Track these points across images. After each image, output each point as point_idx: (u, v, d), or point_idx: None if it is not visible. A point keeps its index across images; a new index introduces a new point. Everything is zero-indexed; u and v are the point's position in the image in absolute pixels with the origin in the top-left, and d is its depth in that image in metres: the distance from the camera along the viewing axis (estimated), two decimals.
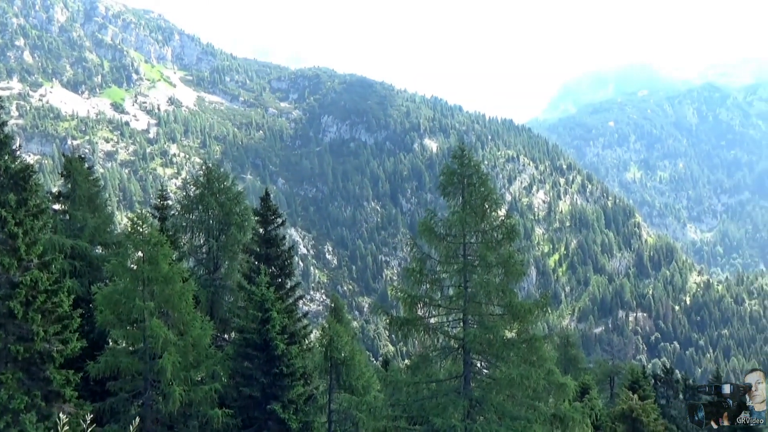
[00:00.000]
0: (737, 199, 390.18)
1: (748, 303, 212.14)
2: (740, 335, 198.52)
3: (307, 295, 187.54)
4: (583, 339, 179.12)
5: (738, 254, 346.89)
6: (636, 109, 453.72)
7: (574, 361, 60.49)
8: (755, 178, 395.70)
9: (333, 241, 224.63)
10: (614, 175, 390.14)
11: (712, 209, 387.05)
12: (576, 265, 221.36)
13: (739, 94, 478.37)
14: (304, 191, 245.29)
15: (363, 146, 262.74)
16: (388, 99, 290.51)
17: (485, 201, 21.39)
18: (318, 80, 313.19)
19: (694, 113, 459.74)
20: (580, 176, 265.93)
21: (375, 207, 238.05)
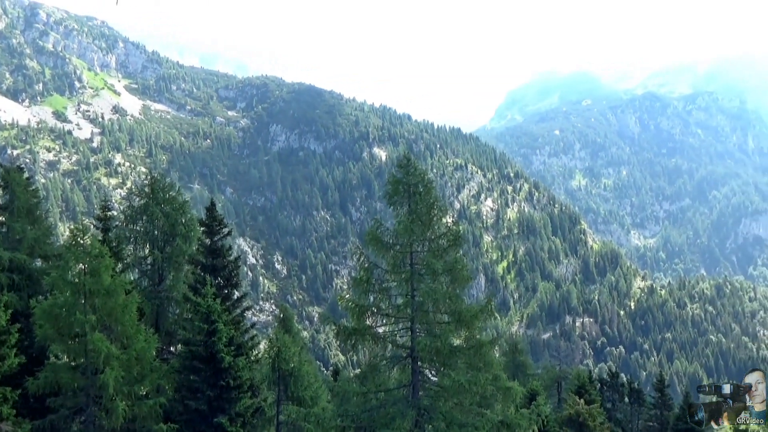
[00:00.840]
0: (678, 205, 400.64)
1: (689, 307, 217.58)
2: (683, 338, 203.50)
3: (256, 306, 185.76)
4: (532, 345, 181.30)
5: (680, 259, 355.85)
6: (580, 118, 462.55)
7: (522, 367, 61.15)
8: (695, 185, 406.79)
9: (282, 251, 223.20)
10: (560, 182, 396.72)
11: (654, 216, 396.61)
12: (524, 272, 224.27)
13: (678, 103, 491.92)
14: (252, 201, 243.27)
15: (312, 155, 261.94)
16: (336, 108, 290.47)
17: (431, 209, 21.52)
18: (266, 89, 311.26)
19: (636, 122, 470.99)
20: (527, 184, 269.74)
21: (325, 216, 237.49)
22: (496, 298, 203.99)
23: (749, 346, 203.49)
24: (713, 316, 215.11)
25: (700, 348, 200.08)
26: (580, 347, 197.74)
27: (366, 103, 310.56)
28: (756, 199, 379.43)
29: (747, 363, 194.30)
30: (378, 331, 22.44)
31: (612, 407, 57.70)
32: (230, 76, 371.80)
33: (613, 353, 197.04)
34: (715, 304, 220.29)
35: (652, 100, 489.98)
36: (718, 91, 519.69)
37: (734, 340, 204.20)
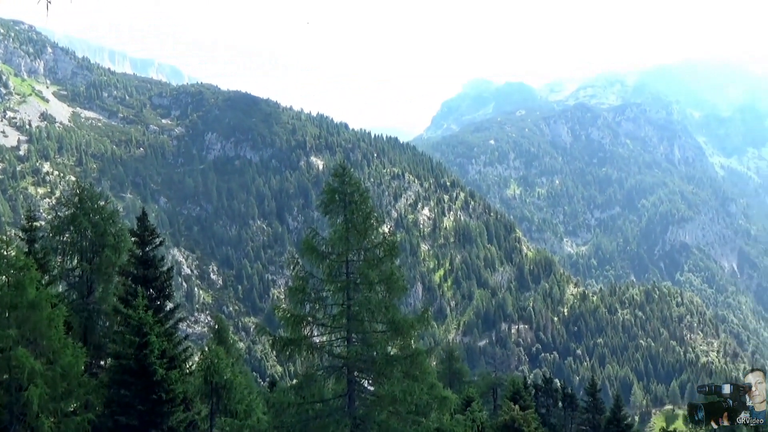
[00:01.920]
0: (609, 213, 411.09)
1: (620, 312, 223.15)
2: (614, 343, 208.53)
3: (191, 317, 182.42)
4: (468, 352, 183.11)
5: (611, 266, 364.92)
6: (515, 128, 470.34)
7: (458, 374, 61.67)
8: (625, 194, 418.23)
9: (218, 261, 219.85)
10: (495, 191, 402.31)
11: (586, 224, 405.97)
12: (461, 280, 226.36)
13: (608, 114, 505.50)
14: (187, 210, 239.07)
15: (248, 164, 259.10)
16: (273, 116, 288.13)
17: (367, 218, 21.54)
18: (201, 97, 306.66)
19: (569, 132, 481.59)
20: (463, 193, 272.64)
21: (261, 225, 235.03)
22: (433, 306, 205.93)
23: (677, 349, 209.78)
24: (643, 321, 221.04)
25: (631, 352, 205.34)
26: (515, 354, 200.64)
27: (303, 111, 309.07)
28: (682, 207, 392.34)
29: (675, 366, 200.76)
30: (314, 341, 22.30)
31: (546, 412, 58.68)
32: (164, 83, 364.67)
33: (547, 359, 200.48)
34: (644, 310, 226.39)
35: (583, 111, 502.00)
36: (646, 103, 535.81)
37: (663, 344, 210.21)
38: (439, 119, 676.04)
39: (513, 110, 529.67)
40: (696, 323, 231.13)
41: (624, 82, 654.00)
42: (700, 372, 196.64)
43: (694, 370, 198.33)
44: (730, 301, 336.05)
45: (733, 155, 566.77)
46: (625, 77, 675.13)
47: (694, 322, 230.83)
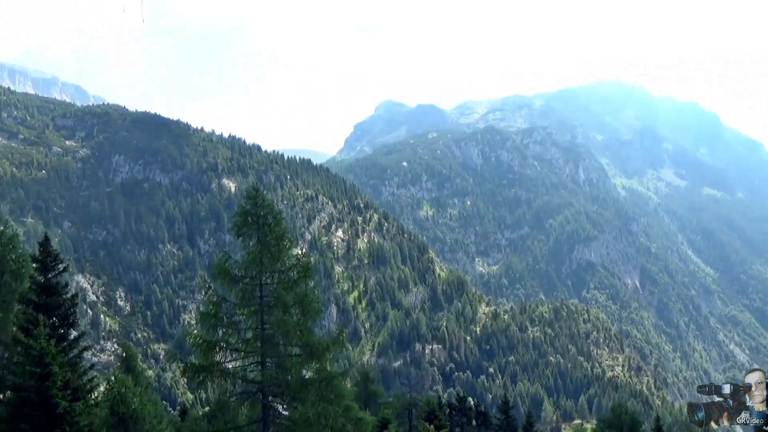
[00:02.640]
0: (518, 233, 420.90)
1: (530, 330, 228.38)
2: (525, 360, 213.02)
3: (96, 345, 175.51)
4: (383, 373, 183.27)
5: (521, 285, 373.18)
6: (427, 150, 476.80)
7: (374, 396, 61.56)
8: (533, 214, 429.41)
9: (125, 287, 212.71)
10: (409, 213, 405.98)
11: (497, 244, 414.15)
12: (375, 301, 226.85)
13: (517, 137, 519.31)
14: (93, 234, 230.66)
15: (158, 187, 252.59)
16: (183, 138, 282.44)
17: (281, 240, 21.37)
18: (108, 118, 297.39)
19: (479, 154, 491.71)
20: (377, 215, 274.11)
21: (171, 249, 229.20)
22: (347, 328, 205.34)
23: (584, 365, 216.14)
24: (552, 337, 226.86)
25: (541, 369, 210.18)
26: (429, 373, 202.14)
27: (214, 133, 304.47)
28: (587, 226, 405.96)
29: (583, 381, 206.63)
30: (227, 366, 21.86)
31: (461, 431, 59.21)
32: (68, 103, 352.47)
33: (461, 378, 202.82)
34: (553, 327, 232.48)
35: (492, 134, 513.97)
36: (552, 126, 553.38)
37: (571, 360, 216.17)
38: (353, 141, 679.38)
39: (425, 132, 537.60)
40: (602, 339, 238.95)
41: (531, 105, 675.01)
42: (606, 386, 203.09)
43: (601, 384, 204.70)
44: (633, 316, 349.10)
45: (634, 176, 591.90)
46: (532, 101, 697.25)
47: (600, 338, 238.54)
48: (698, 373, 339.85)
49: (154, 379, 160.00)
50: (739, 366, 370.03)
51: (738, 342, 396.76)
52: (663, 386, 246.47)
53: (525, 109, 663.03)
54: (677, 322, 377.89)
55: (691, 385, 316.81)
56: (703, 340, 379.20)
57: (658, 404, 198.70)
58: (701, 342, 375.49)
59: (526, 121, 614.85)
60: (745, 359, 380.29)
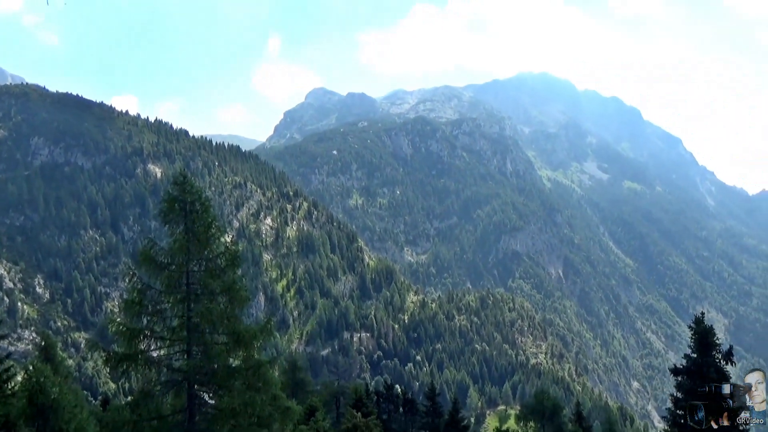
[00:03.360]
0: (447, 223, 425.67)
1: (457, 319, 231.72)
2: (451, 348, 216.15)
3: (13, 334, 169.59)
4: (311, 362, 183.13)
5: (448, 274, 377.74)
6: (357, 139, 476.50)
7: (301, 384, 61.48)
8: (461, 205, 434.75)
9: (45, 274, 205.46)
10: (338, 201, 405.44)
11: (425, 233, 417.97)
12: (304, 290, 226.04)
13: (446, 128, 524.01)
14: (10, 220, 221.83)
15: (80, 171, 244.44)
16: (107, 121, 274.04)
17: (209, 228, 21.06)
18: (26, 98, 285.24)
19: (409, 144, 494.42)
20: (306, 203, 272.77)
21: (93, 236, 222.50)
22: (275, 316, 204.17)
23: (509, 352, 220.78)
24: (478, 326, 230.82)
25: (467, 356, 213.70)
26: (357, 362, 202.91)
27: (140, 117, 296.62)
28: (514, 217, 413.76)
29: (507, 368, 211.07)
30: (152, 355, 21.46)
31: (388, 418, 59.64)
32: None
33: (388, 366, 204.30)
34: (479, 315, 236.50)
35: (422, 124, 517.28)
36: (481, 118, 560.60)
37: (496, 348, 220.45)
38: (282, 129, 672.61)
39: (355, 121, 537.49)
40: (526, 327, 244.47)
41: (461, 97, 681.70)
42: (530, 373, 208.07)
43: (525, 371, 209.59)
44: (556, 305, 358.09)
45: (559, 169, 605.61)
46: (462, 92, 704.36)
47: (524, 326, 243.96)
48: (617, 360, 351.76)
49: (75, 369, 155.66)
50: (655, 353, 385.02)
51: (654, 330, 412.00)
52: (583, 373, 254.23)
53: (455, 100, 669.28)
54: (598, 311, 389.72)
55: (610, 372, 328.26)
56: (622, 328, 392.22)
57: (579, 390, 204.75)
58: (620, 330, 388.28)
59: (456, 113, 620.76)
60: (661, 346, 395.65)
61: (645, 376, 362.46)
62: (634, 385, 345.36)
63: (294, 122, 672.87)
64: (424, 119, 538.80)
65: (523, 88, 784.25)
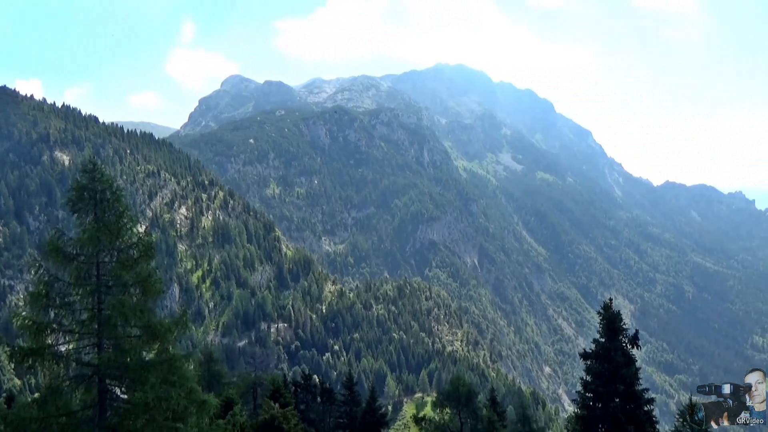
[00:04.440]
0: (365, 213, 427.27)
1: (375, 308, 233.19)
2: (369, 337, 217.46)
3: None
4: (228, 353, 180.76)
5: (366, 263, 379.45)
6: (274, 128, 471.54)
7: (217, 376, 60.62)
8: (379, 195, 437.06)
9: None
10: (255, 191, 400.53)
11: (343, 223, 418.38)
12: (219, 281, 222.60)
13: (364, 117, 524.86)
14: None
15: None
16: (10, 106, 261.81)
17: (120, 218, 20.44)
18: None
19: (327, 134, 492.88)
20: (222, 192, 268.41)
21: None
22: (191, 308, 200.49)
23: (426, 340, 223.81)
24: (395, 315, 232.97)
25: (385, 345, 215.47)
26: (275, 352, 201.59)
27: (46, 102, 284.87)
28: (431, 207, 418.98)
29: (424, 356, 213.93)
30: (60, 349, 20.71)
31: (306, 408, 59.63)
32: None
33: (306, 356, 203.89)
34: (397, 304, 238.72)
35: (341, 114, 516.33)
36: (399, 108, 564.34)
37: (413, 336, 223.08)
38: (197, 116, 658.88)
39: (273, 109, 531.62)
40: (443, 315, 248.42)
41: (379, 87, 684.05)
42: (446, 360, 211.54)
43: (441, 358, 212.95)
44: (472, 293, 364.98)
45: (475, 159, 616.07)
46: (380, 82, 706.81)
47: (441, 314, 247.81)
48: (530, 346, 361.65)
49: None
50: (566, 339, 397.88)
51: (565, 317, 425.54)
52: (498, 359, 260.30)
53: (373, 90, 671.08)
54: (512, 299, 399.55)
55: (523, 357, 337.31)
56: (535, 315, 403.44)
57: (494, 376, 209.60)
58: (533, 317, 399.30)
59: (374, 102, 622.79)
60: (571, 332, 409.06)
61: (556, 361, 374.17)
62: (546, 370, 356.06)
63: (209, 110, 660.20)
64: (342, 108, 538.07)
65: (440, 78, 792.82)
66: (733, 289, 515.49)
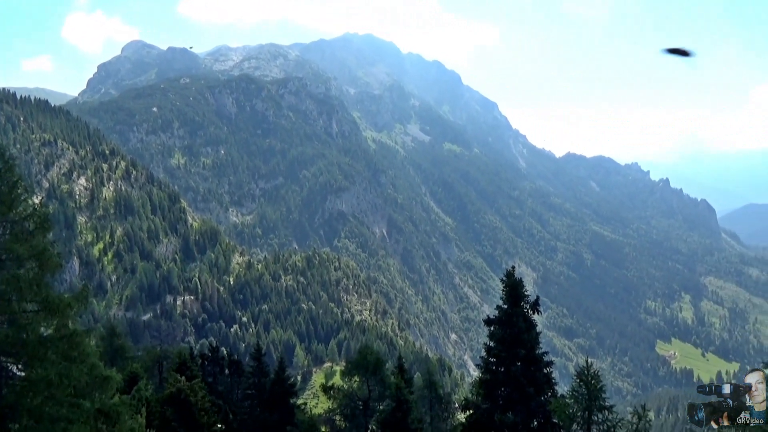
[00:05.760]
0: (273, 183, 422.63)
1: (284, 279, 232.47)
2: (278, 309, 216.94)
3: None
4: (132, 327, 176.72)
5: (275, 234, 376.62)
6: (179, 96, 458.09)
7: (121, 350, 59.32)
8: (287, 165, 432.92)
9: None
10: (159, 161, 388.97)
11: (251, 194, 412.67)
12: (122, 253, 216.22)
13: (272, 86, 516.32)
14: None
15: None
16: None
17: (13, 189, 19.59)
18: None
19: (234, 103, 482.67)
20: (124, 162, 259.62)
21: None
22: (92, 281, 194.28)
23: (335, 310, 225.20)
24: (304, 285, 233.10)
25: (294, 316, 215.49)
26: (181, 325, 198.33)
27: None
28: (339, 177, 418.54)
29: (333, 326, 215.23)
30: None
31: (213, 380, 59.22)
32: None
33: (214, 328, 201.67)
34: (306, 275, 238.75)
35: (248, 83, 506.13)
36: (307, 78, 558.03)
37: (322, 307, 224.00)
38: (96, 83, 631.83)
39: (177, 77, 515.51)
40: (351, 285, 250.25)
41: (287, 55, 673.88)
42: (355, 330, 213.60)
43: (350, 328, 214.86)
44: (380, 263, 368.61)
45: (384, 130, 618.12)
46: (288, 51, 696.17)
47: (350, 285, 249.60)
48: (437, 314, 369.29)
49: None
50: (472, 306, 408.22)
51: (471, 285, 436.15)
52: (406, 327, 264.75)
53: (281, 59, 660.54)
54: (419, 268, 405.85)
55: (431, 325, 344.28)
56: (442, 283, 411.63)
57: (401, 344, 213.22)
58: (440, 285, 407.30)
59: (282, 71, 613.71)
60: (476, 300, 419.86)
61: (462, 328, 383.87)
62: (452, 337, 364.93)
63: (109, 76, 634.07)
64: (249, 77, 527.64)
65: (348, 48, 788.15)
66: (629, 256, 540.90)
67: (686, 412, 22.03)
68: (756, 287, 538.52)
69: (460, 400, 34.84)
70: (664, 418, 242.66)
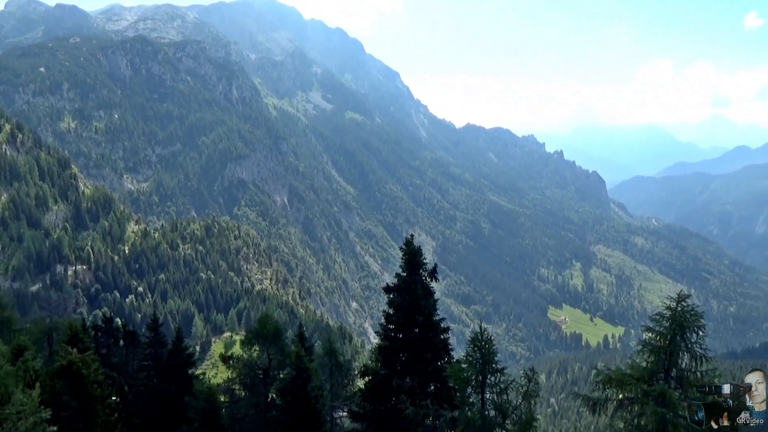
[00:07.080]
0: (170, 150, 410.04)
1: (182, 248, 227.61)
2: (176, 278, 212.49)
3: None
4: (19, 298, 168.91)
5: (172, 202, 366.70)
6: (69, 56, 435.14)
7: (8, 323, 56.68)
8: (186, 131, 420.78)
9: None
10: (47, 124, 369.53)
11: (147, 160, 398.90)
12: (8, 221, 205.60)
13: (169, 49, 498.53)
14: None
15: None
16: None
17: None
18: None
19: (128, 65, 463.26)
20: (9, 125, 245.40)
21: None
22: None
23: (235, 280, 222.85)
24: (203, 254, 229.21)
25: (192, 286, 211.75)
26: (73, 296, 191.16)
27: None
28: (240, 145, 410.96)
29: (233, 295, 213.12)
30: None
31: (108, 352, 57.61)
32: None
33: (108, 299, 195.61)
34: (204, 244, 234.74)
35: (143, 44, 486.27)
36: (206, 41, 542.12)
37: (222, 276, 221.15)
38: None
39: (66, 36, 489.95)
40: (252, 254, 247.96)
41: (184, 17, 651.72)
42: (255, 299, 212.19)
43: (251, 297, 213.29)
44: (281, 232, 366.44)
45: (285, 97, 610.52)
46: (186, 13, 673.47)
47: (250, 254, 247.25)
48: (338, 283, 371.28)
49: None
50: (372, 275, 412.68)
51: (372, 253, 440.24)
52: (307, 296, 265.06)
53: (178, 20, 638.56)
54: (321, 237, 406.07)
55: (332, 294, 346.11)
56: (343, 252, 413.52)
57: (302, 313, 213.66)
58: (341, 254, 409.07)
59: (180, 34, 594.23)
60: (377, 268, 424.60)
61: (363, 296, 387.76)
62: (353, 305, 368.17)
63: None
64: (145, 39, 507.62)
65: (249, 12, 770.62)
66: (524, 225, 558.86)
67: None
68: (641, 255, 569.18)
69: (360, 367, 35.31)
70: (555, 380, 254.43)
